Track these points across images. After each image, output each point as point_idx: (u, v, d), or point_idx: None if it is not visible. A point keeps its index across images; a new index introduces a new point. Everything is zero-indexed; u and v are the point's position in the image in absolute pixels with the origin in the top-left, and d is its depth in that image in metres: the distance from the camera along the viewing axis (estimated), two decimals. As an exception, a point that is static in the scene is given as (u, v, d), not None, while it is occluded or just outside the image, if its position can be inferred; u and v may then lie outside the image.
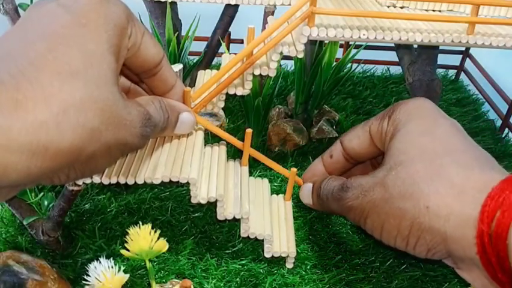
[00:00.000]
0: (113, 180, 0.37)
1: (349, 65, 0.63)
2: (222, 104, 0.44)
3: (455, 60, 0.82)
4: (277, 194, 0.50)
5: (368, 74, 0.81)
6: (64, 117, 0.25)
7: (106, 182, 0.37)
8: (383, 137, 0.37)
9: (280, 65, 0.79)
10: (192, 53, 0.71)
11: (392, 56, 0.69)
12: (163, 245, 0.38)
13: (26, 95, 0.24)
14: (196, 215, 0.51)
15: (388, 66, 0.82)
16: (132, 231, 0.37)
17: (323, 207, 0.41)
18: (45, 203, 0.45)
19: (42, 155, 0.24)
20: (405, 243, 0.34)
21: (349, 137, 0.41)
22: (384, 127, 0.37)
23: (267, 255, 0.44)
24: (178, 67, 0.44)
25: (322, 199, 0.40)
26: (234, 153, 0.56)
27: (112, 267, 0.37)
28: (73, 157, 0.26)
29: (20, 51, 0.25)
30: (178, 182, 0.38)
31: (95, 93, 0.27)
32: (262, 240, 0.44)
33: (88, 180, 0.38)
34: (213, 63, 0.66)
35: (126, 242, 0.38)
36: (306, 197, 0.43)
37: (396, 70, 0.81)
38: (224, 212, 0.41)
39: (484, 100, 0.76)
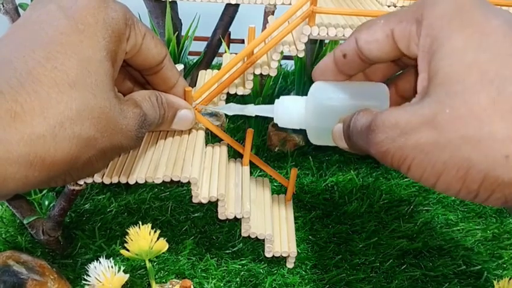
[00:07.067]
0: (115, 180, 0.37)
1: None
2: (223, 104, 0.44)
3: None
4: (278, 194, 0.50)
5: (367, 74, 0.81)
6: (61, 129, 0.25)
7: (107, 181, 0.37)
8: (412, 45, 0.30)
9: (281, 65, 0.79)
10: (191, 53, 0.71)
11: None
12: (163, 245, 0.38)
13: (23, 107, 0.24)
14: (196, 215, 0.51)
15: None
16: (132, 231, 0.37)
17: (356, 149, 0.33)
18: (46, 202, 0.45)
19: (39, 166, 0.25)
20: (473, 196, 0.27)
21: (366, 37, 0.32)
22: (413, 33, 0.29)
23: (268, 255, 0.44)
24: (179, 68, 0.44)
25: (352, 139, 0.32)
26: (235, 153, 0.56)
27: (112, 267, 0.37)
28: (69, 165, 0.27)
29: (19, 59, 0.26)
30: (179, 181, 0.38)
31: (92, 103, 0.27)
32: (263, 240, 0.44)
33: (89, 180, 0.38)
34: (213, 63, 0.66)
35: (126, 242, 0.38)
36: (339, 140, 0.34)
37: (396, 70, 0.81)
38: (225, 212, 0.41)
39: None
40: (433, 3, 0.28)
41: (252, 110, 0.39)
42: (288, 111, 0.36)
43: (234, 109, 0.40)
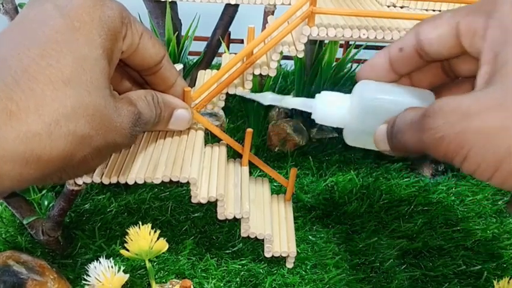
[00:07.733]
0: (113, 180, 0.37)
1: (349, 64, 0.63)
2: (222, 104, 0.44)
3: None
4: (278, 193, 0.50)
5: (368, 74, 0.81)
6: (56, 127, 0.25)
7: (106, 182, 0.37)
8: (475, 40, 0.28)
9: (280, 65, 0.79)
10: (191, 53, 0.71)
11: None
12: (163, 245, 0.38)
13: (19, 105, 0.24)
14: (196, 215, 0.51)
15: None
16: (132, 231, 0.37)
17: (398, 147, 0.31)
18: (45, 202, 0.45)
19: (35, 163, 0.25)
20: None
21: (428, 30, 0.31)
22: (479, 26, 0.28)
23: (268, 255, 0.44)
24: (178, 67, 0.44)
25: (396, 136, 0.30)
26: (234, 153, 0.56)
27: (112, 267, 0.37)
28: (64, 163, 0.27)
29: (14, 57, 0.26)
30: (178, 181, 0.38)
31: (86, 100, 0.27)
32: (262, 240, 0.44)
33: (88, 180, 0.38)
34: (213, 63, 0.66)
35: (126, 242, 0.38)
36: (381, 141, 0.32)
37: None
38: (224, 212, 0.41)
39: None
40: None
41: (290, 102, 0.37)
42: (329, 108, 0.34)
43: (270, 99, 0.38)
